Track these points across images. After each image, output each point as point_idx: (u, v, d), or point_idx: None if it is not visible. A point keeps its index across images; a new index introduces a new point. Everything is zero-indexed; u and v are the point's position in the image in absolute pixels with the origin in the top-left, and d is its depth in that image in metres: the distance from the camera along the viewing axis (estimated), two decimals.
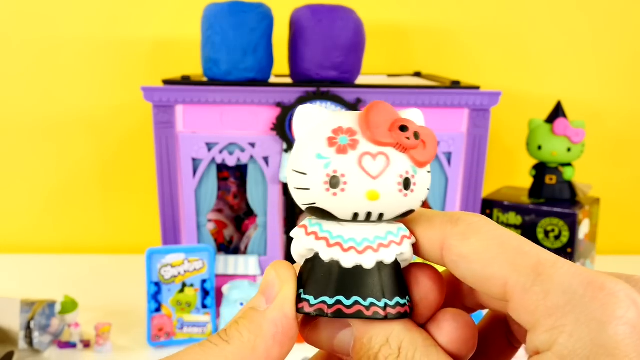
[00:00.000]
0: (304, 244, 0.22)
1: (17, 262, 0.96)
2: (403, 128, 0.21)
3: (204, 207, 0.75)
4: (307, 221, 0.23)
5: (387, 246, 0.21)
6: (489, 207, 0.85)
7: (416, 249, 0.22)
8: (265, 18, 0.71)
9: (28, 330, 0.64)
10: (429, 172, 0.22)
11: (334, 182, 0.20)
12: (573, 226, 0.79)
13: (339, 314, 0.21)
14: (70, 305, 0.69)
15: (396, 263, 0.22)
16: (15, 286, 0.86)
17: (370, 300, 0.21)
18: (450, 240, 0.21)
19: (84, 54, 0.96)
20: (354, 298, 0.21)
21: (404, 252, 0.22)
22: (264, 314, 0.22)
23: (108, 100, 0.98)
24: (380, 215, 0.21)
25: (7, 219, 1.02)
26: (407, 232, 0.22)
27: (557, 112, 0.82)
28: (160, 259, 0.69)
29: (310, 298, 0.22)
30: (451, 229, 0.21)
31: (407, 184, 0.21)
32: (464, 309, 0.25)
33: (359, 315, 0.21)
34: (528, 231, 0.82)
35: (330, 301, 0.21)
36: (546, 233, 0.81)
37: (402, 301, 0.21)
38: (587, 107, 1.00)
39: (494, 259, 0.20)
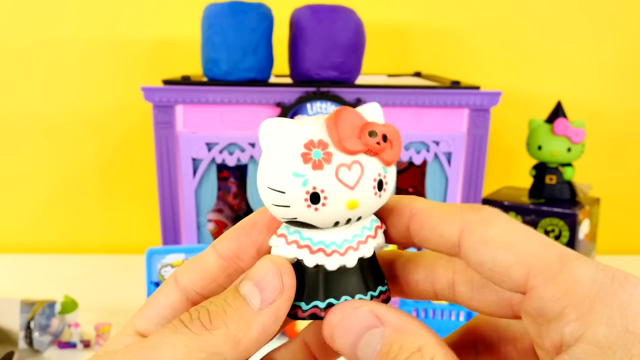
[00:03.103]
0: (285, 253, 0.22)
1: (17, 262, 0.96)
2: (372, 133, 0.21)
3: (204, 207, 0.75)
4: (284, 229, 0.23)
5: (365, 242, 0.22)
6: None
7: (431, 234, 0.22)
8: (265, 18, 0.71)
9: (28, 330, 0.64)
10: (394, 167, 0.23)
11: (314, 199, 0.21)
12: (573, 226, 0.79)
13: None
14: (70, 305, 0.69)
15: (374, 254, 0.23)
16: (15, 286, 0.86)
17: (358, 296, 0.22)
18: (471, 226, 0.20)
19: (83, 54, 0.96)
20: (344, 297, 0.22)
21: (379, 242, 0.23)
22: (256, 315, 0.21)
23: (108, 100, 0.98)
24: (358, 219, 0.22)
25: (7, 219, 1.02)
26: (379, 222, 0.23)
27: (557, 112, 0.82)
28: (160, 259, 0.69)
29: (302, 304, 0.22)
30: (473, 216, 0.21)
31: (380, 185, 0.22)
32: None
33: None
34: None
35: (321, 305, 0.22)
36: (546, 233, 0.81)
37: (383, 288, 0.23)
38: (587, 107, 1.00)
39: (518, 246, 0.19)
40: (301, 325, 0.62)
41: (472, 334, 0.25)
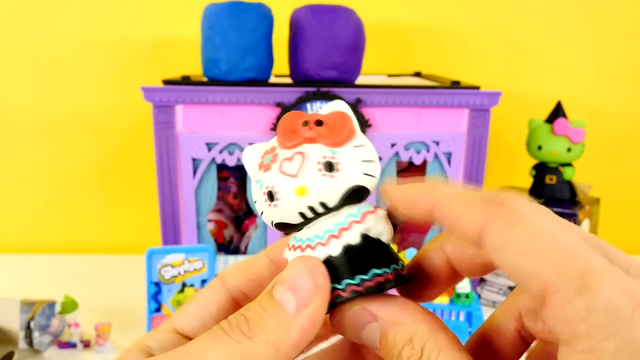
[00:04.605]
0: (287, 258, 0.24)
1: (17, 262, 0.96)
2: (305, 123, 0.23)
3: (204, 207, 0.75)
4: (288, 238, 0.25)
5: (348, 228, 0.22)
6: None
7: (453, 229, 0.21)
8: (265, 18, 0.71)
9: (28, 330, 0.64)
10: (357, 146, 0.23)
11: (270, 196, 0.23)
12: None
13: None
14: (70, 305, 0.69)
15: (367, 239, 0.23)
16: (15, 286, 0.86)
17: (345, 281, 0.22)
18: (492, 225, 0.19)
19: (83, 54, 0.96)
20: (331, 285, 0.22)
21: (370, 227, 0.23)
22: (293, 319, 0.21)
23: (108, 100, 0.98)
24: (323, 205, 0.22)
25: (7, 219, 1.02)
26: (371, 207, 0.23)
27: (557, 112, 0.82)
28: (160, 259, 0.69)
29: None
30: (495, 211, 0.19)
31: (329, 166, 0.22)
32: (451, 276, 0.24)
33: (338, 300, 0.22)
34: None
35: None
36: None
37: (379, 271, 0.22)
38: (587, 107, 1.00)
39: (539, 256, 0.18)
40: None
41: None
